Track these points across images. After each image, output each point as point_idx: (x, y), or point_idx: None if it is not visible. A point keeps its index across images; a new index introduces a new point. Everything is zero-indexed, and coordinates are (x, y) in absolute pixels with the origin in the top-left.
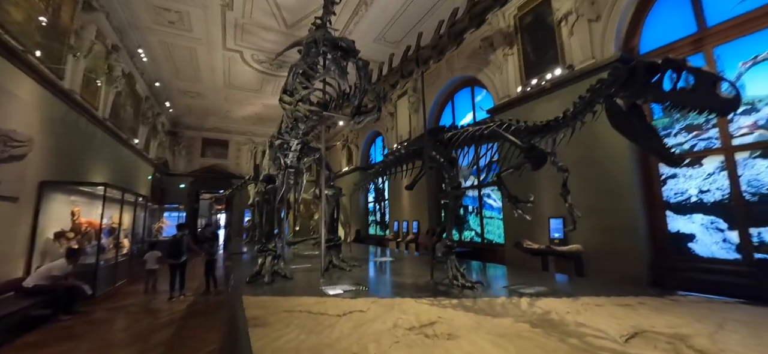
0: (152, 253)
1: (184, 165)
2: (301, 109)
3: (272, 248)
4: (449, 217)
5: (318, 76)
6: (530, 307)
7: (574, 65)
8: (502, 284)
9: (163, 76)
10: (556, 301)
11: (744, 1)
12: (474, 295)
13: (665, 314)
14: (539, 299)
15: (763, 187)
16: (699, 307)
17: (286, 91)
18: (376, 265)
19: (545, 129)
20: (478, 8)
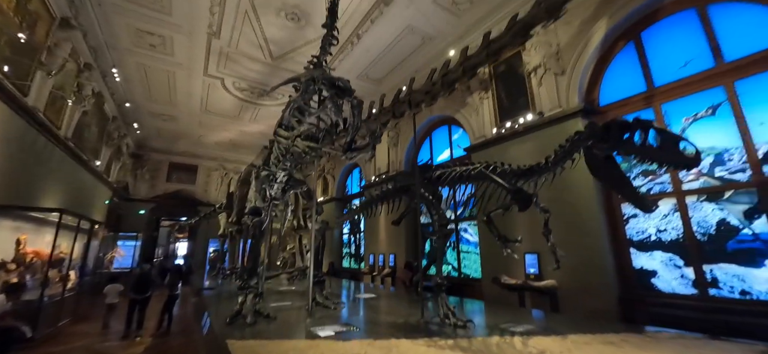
0: (113, 286)
1: (146, 189)
2: (300, 145)
3: (255, 286)
4: (439, 255)
5: (314, 112)
6: (525, 347)
7: (544, 112)
8: (490, 322)
9: (135, 97)
10: (548, 340)
11: (685, 66)
12: (467, 334)
13: (649, 352)
14: (531, 338)
15: (711, 228)
16: (675, 343)
17: (282, 125)
18: (360, 302)
19: (529, 173)
20: (470, 63)
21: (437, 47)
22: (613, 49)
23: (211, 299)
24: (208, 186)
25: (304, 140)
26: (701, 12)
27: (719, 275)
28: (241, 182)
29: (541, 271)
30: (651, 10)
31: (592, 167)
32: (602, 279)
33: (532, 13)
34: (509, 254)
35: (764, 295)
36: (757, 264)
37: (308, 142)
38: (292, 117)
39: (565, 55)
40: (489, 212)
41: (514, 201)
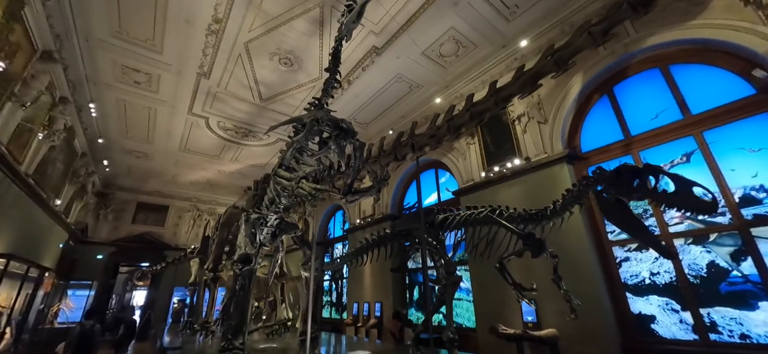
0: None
1: (108, 231)
2: (306, 187)
3: (241, 346)
4: (448, 306)
5: (317, 153)
6: None
7: (530, 158)
8: None
9: (110, 133)
10: None
11: (656, 118)
12: None
13: None
14: None
15: (702, 271)
16: None
17: (283, 166)
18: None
19: (537, 217)
20: (476, 109)
21: (424, 95)
22: (590, 101)
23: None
24: (179, 228)
25: (310, 182)
26: (664, 71)
27: (717, 319)
28: (220, 225)
29: (538, 319)
30: (620, 68)
31: (605, 211)
32: (602, 325)
33: (541, 64)
34: (517, 300)
35: (763, 339)
36: (751, 307)
37: (314, 185)
38: (293, 158)
39: (547, 105)
40: (502, 258)
41: (526, 247)
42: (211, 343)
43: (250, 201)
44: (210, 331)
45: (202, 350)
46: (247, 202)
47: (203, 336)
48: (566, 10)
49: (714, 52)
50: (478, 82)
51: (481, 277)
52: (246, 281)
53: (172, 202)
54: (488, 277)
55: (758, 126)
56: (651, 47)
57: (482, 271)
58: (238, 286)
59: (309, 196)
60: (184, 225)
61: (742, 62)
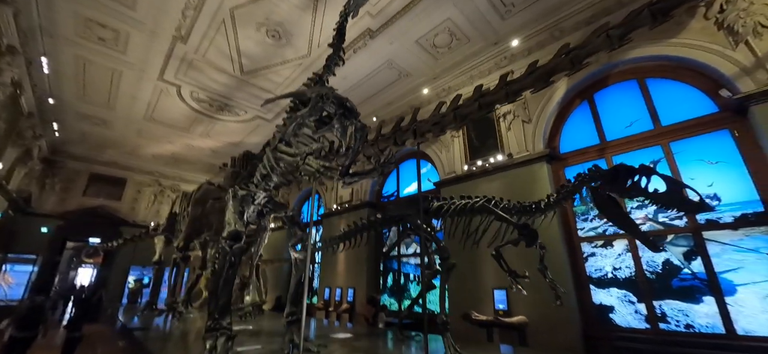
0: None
1: (55, 203)
2: (314, 164)
3: (228, 326)
4: (442, 291)
5: (319, 131)
6: None
7: (513, 154)
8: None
9: (64, 93)
10: None
11: (630, 126)
12: None
13: None
14: None
15: (658, 267)
16: None
17: (284, 141)
18: (340, 344)
19: (532, 209)
20: (486, 100)
21: (412, 84)
22: (571, 105)
23: (153, 342)
24: (137, 204)
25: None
26: (641, 83)
27: (667, 310)
28: (193, 202)
29: (509, 307)
30: (602, 76)
31: (599, 206)
32: (567, 315)
33: (556, 61)
34: (509, 286)
35: (704, 328)
36: (697, 300)
37: (323, 162)
38: (294, 134)
39: (532, 105)
40: (498, 247)
41: (521, 236)
42: (179, 325)
43: (228, 178)
44: (178, 312)
45: (171, 332)
46: (225, 179)
47: (171, 317)
48: (558, 14)
49: (687, 70)
50: (466, 77)
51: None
52: (236, 259)
53: (130, 175)
54: (464, 266)
55: (717, 141)
56: (633, 59)
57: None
58: (226, 264)
59: (316, 173)
60: (144, 200)
61: (710, 82)
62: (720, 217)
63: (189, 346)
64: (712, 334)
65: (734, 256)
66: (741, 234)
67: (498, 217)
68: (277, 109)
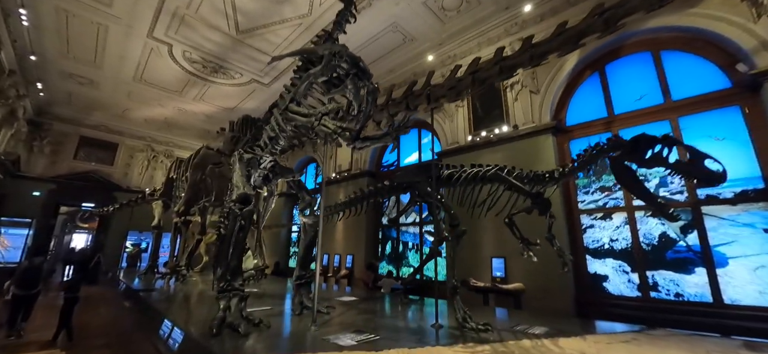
0: None
1: (45, 166)
2: (330, 125)
3: (240, 288)
4: (451, 257)
5: (332, 91)
6: (561, 350)
7: (518, 125)
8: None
9: (46, 50)
10: (574, 341)
11: (640, 99)
12: (490, 337)
13: (669, 349)
14: (557, 339)
15: (654, 240)
16: (680, 341)
17: (294, 101)
18: (346, 306)
19: (545, 178)
20: (507, 63)
21: (416, 50)
22: (581, 76)
23: (159, 303)
24: (130, 169)
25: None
26: (655, 55)
27: (659, 280)
28: (192, 166)
29: (506, 275)
30: (615, 47)
31: (618, 176)
32: (562, 282)
33: (588, 21)
34: (529, 257)
35: (693, 297)
36: (689, 271)
37: (340, 123)
38: (304, 96)
39: (541, 75)
40: (511, 214)
41: (534, 205)
42: (182, 287)
43: (228, 142)
44: (181, 275)
45: (175, 293)
46: (224, 144)
47: (174, 280)
48: None
49: (704, 43)
50: (473, 44)
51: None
52: (246, 222)
53: (122, 140)
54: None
55: (727, 117)
56: (650, 29)
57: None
58: (236, 227)
59: (333, 135)
60: (137, 166)
61: (727, 56)
62: (720, 193)
63: (195, 306)
64: (700, 302)
65: (730, 231)
66: (739, 209)
67: (511, 185)
68: (275, 73)
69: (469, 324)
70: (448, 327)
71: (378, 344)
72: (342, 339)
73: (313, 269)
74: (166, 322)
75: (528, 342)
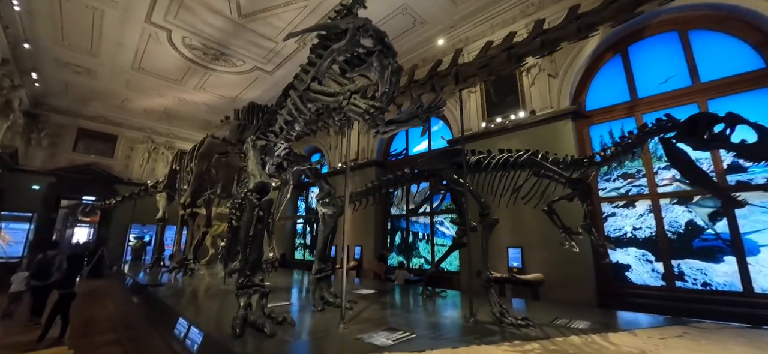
0: (20, 274)
1: (44, 159)
2: (361, 105)
3: (260, 283)
4: (485, 247)
5: (355, 70)
6: (617, 347)
7: (535, 111)
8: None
9: (39, 37)
10: (624, 336)
11: (666, 82)
12: (535, 333)
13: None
14: (606, 335)
15: (680, 228)
16: (736, 334)
17: (317, 79)
18: (367, 299)
19: (585, 163)
20: (550, 37)
21: (426, 34)
22: (602, 59)
23: (171, 298)
24: (131, 161)
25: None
26: (682, 35)
27: (685, 269)
28: (198, 156)
29: (523, 265)
30: (639, 27)
31: (673, 160)
32: (582, 272)
33: None
34: (560, 244)
35: (721, 286)
36: (717, 260)
37: (372, 102)
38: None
39: (559, 58)
40: (551, 202)
41: (575, 192)
42: (190, 281)
43: (234, 131)
44: (189, 269)
45: (184, 288)
46: (230, 133)
47: (182, 273)
48: None
49: (736, 21)
50: (486, 27)
51: None
52: (265, 213)
53: (121, 131)
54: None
55: (759, 99)
56: (678, 7)
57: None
58: (254, 218)
59: (365, 115)
60: (137, 158)
61: (761, 35)
62: (752, 179)
63: (208, 302)
64: (729, 292)
65: (761, 217)
66: None
67: (548, 171)
68: (278, 60)
69: (507, 319)
70: (483, 322)
71: (416, 343)
72: (376, 338)
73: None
74: (182, 321)
75: (577, 338)
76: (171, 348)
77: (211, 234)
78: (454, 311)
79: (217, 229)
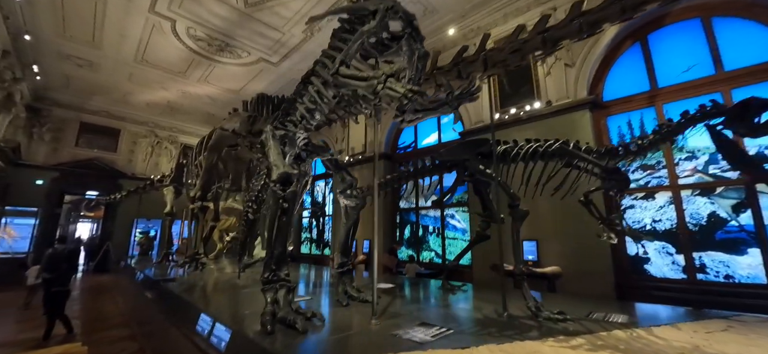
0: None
1: (47, 154)
2: (398, 88)
3: (286, 278)
4: (516, 239)
5: (387, 54)
6: (666, 341)
7: (552, 101)
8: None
9: (41, 29)
10: (670, 330)
11: (687, 71)
12: (574, 327)
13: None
14: (651, 329)
15: (702, 220)
16: None
17: (345, 63)
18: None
19: (620, 153)
20: (589, 18)
21: (436, 23)
22: (621, 47)
23: (188, 293)
24: (134, 155)
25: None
26: (705, 22)
27: (707, 261)
28: (208, 149)
29: (539, 258)
30: (660, 14)
31: (721, 147)
32: (600, 265)
33: None
34: (597, 235)
35: (745, 279)
36: (741, 252)
37: (411, 87)
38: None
39: (576, 47)
40: (588, 193)
41: (611, 182)
42: (201, 275)
43: (244, 123)
44: (200, 264)
45: (197, 283)
46: (240, 125)
47: (192, 268)
48: None
49: (763, 8)
50: (499, 15)
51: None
52: (290, 205)
53: (124, 126)
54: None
55: None
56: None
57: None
58: (278, 211)
59: (404, 99)
60: (141, 152)
61: None
62: None
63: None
64: (753, 284)
65: None
66: None
67: (582, 161)
68: (284, 51)
69: (543, 313)
70: (518, 316)
71: (456, 339)
72: (413, 334)
73: (324, 254)
74: (204, 317)
75: (621, 333)
76: (194, 343)
77: (218, 228)
78: (481, 305)
79: (224, 223)
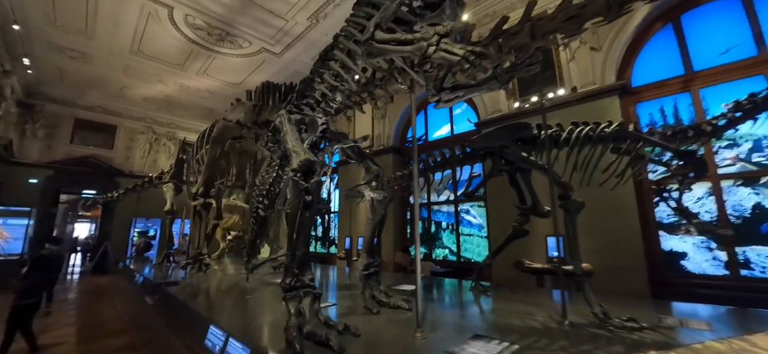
0: None
1: (40, 151)
2: (457, 50)
3: (311, 283)
4: (574, 236)
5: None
6: None
7: (577, 87)
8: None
9: (30, 18)
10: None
11: (726, 53)
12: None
13: None
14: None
15: (746, 212)
16: None
17: (379, 27)
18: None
19: (690, 135)
20: None
21: None
22: (650, 30)
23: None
24: (131, 152)
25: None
26: None
27: (752, 256)
28: (211, 141)
29: (565, 254)
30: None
31: None
32: (631, 262)
33: None
34: (690, 232)
35: None
36: None
37: (470, 47)
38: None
39: (603, 29)
40: (661, 180)
41: (685, 167)
42: (205, 278)
43: (249, 112)
44: (204, 265)
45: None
46: (245, 115)
47: (196, 269)
48: None
49: None
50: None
51: (498, 212)
52: (313, 197)
53: (120, 122)
54: (506, 212)
55: None
56: None
57: (500, 207)
58: (300, 204)
59: (465, 62)
60: (138, 149)
61: None
62: None
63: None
64: None
65: None
66: None
67: (649, 144)
68: (288, 40)
69: (613, 320)
70: (582, 324)
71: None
72: (468, 349)
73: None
74: (215, 330)
75: (718, 344)
76: None
77: (221, 226)
78: (528, 309)
79: (227, 221)
